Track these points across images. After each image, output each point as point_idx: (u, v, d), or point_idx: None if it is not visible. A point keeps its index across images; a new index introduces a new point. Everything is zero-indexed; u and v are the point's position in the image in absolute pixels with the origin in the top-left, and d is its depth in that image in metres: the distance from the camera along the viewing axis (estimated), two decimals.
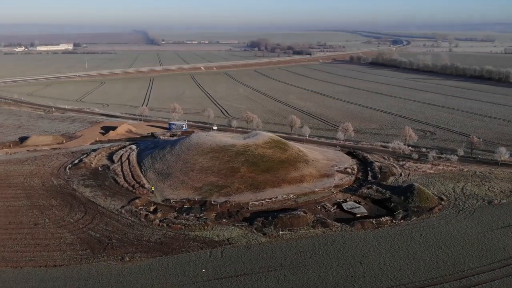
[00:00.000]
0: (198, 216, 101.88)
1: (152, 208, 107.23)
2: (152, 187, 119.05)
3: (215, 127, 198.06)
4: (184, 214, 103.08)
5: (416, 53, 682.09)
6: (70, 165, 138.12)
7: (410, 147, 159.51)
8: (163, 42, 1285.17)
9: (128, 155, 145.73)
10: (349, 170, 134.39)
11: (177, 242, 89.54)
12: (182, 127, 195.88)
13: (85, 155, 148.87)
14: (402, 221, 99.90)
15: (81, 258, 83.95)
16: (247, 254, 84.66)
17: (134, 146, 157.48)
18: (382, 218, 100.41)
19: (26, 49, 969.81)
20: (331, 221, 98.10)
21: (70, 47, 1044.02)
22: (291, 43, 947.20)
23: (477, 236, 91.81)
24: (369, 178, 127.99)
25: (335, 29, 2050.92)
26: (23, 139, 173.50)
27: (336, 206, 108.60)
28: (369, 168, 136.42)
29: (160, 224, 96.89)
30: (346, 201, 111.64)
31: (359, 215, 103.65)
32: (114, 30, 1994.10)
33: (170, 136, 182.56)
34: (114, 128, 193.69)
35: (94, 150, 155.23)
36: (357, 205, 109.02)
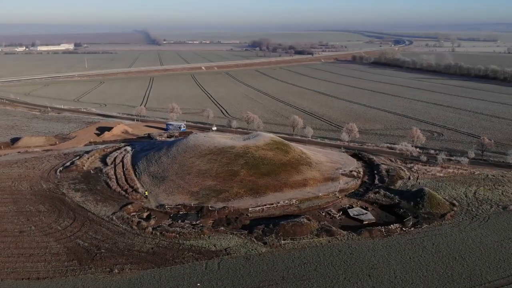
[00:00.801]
0: (194, 223, 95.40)
1: (145, 215, 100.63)
2: (146, 192, 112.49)
3: (214, 128, 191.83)
4: (179, 221, 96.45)
5: (419, 52, 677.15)
6: (61, 168, 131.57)
7: (418, 149, 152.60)
8: (164, 42, 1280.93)
9: (123, 157, 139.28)
10: (355, 173, 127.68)
11: (171, 253, 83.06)
12: (180, 127, 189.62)
13: (77, 157, 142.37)
14: (412, 228, 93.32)
15: (67, 270, 77.54)
16: (246, 266, 78.13)
17: (129, 148, 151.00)
18: (391, 225, 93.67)
19: (27, 49, 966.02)
20: (336, 229, 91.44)
21: (71, 47, 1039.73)
22: (292, 43, 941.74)
23: (493, 245, 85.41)
24: (376, 182, 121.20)
25: (337, 29, 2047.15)
26: (15, 140, 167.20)
27: (341, 212, 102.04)
28: (375, 171, 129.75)
29: (153, 232, 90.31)
30: (352, 207, 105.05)
31: (366, 222, 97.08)
32: (116, 30, 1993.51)
33: (167, 137, 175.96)
34: (110, 129, 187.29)
35: (87, 152, 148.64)
36: (364, 211, 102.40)
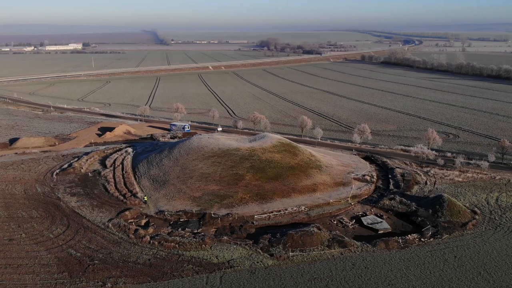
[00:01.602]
0: (196, 231, 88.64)
1: (143, 222, 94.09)
2: (145, 197, 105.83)
3: (219, 128, 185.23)
4: (180, 229, 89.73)
5: (429, 52, 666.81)
6: (58, 171, 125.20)
7: (434, 152, 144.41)
8: (172, 42, 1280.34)
9: (123, 159, 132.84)
10: (368, 178, 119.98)
11: (169, 265, 76.33)
12: (184, 128, 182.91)
13: (76, 159, 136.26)
14: (431, 239, 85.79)
15: (56, 283, 71.14)
16: (250, 281, 71.15)
17: (130, 149, 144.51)
18: (409, 235, 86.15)
19: (35, 48, 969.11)
20: (349, 239, 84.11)
21: (79, 46, 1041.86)
22: (301, 42, 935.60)
23: None
24: (391, 187, 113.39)
25: (345, 29, 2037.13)
26: (13, 141, 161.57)
27: (354, 221, 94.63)
28: (390, 176, 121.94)
29: (151, 241, 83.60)
30: (366, 215, 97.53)
31: (382, 231, 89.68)
32: (124, 30, 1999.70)
33: (171, 138, 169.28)
34: (112, 129, 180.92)
35: (86, 154, 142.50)
36: (379, 219, 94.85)
